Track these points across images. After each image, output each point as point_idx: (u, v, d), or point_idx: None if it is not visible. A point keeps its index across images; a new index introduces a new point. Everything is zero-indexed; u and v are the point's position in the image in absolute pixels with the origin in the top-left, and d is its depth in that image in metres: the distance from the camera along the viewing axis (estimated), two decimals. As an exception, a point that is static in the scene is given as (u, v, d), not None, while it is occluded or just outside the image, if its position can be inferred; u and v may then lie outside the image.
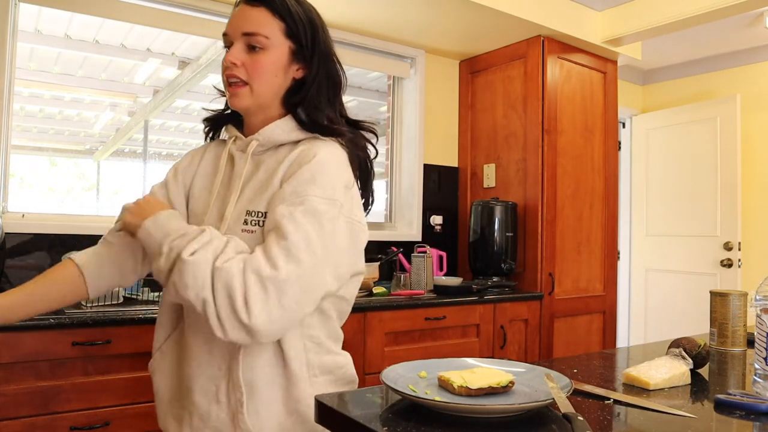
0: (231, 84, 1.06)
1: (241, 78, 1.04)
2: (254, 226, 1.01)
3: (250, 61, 1.04)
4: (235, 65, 1.04)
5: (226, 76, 1.06)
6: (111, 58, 3.57)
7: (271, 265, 0.90)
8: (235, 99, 1.06)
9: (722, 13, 2.83)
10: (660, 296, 4.27)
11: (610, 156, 3.40)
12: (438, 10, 2.81)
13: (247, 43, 1.04)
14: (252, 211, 1.02)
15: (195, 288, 0.89)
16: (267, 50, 1.04)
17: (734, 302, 1.46)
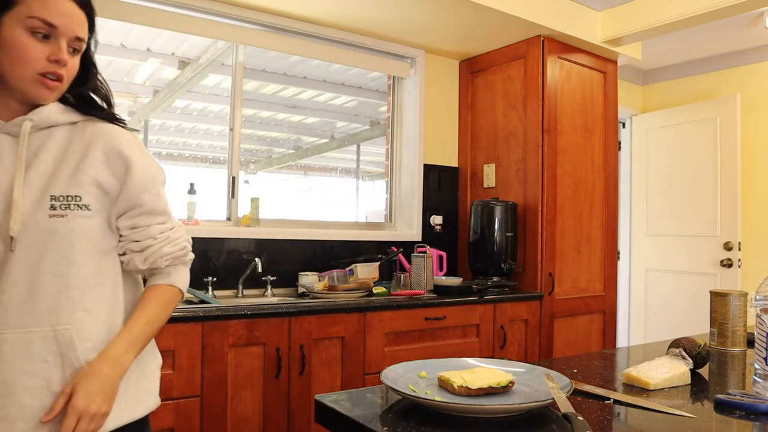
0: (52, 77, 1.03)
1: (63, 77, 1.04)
2: (65, 210, 1.01)
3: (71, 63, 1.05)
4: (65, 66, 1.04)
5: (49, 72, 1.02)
6: (111, 58, 3.57)
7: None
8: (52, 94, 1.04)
9: (722, 13, 2.83)
10: (660, 296, 4.27)
11: (610, 156, 3.40)
12: (438, 10, 2.81)
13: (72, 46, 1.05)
14: (59, 195, 1.02)
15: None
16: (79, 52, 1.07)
17: (734, 302, 1.46)
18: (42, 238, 1.00)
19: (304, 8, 2.79)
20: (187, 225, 2.67)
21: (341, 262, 2.99)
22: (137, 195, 1.08)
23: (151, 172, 1.10)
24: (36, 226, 1.00)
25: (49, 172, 1.03)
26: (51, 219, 1.00)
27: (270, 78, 3.39)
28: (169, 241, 1.13)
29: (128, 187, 1.07)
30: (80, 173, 1.03)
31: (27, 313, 0.99)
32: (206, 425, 2.03)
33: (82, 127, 1.07)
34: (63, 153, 1.04)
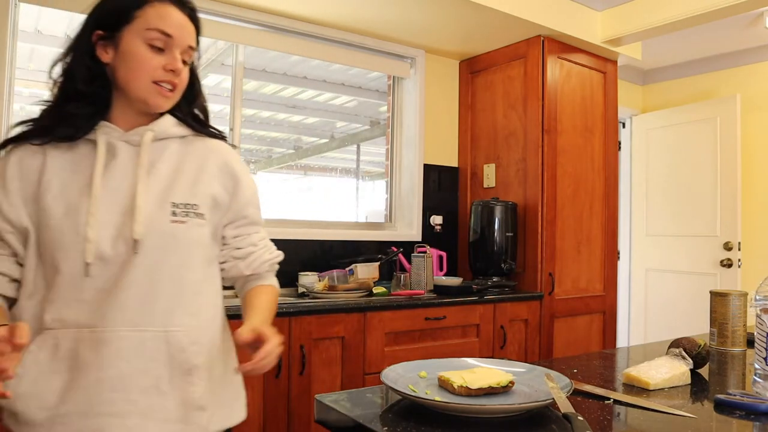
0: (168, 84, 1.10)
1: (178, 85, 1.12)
2: (185, 217, 1.08)
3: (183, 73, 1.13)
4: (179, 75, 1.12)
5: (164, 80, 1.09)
6: (111, 58, 3.57)
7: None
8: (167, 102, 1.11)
9: (722, 13, 2.83)
10: (660, 296, 4.27)
11: (610, 156, 3.40)
12: (438, 10, 2.81)
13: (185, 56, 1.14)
14: (179, 203, 1.08)
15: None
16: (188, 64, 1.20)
17: (734, 302, 1.46)
18: (163, 243, 1.06)
19: (304, 8, 2.79)
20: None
21: (341, 262, 2.99)
22: (244, 207, 1.19)
23: (254, 187, 1.23)
24: (158, 230, 1.05)
25: (167, 180, 1.09)
26: (172, 224, 1.06)
27: (270, 78, 3.38)
28: (267, 249, 1.24)
29: (238, 200, 1.17)
30: (198, 184, 1.12)
31: (143, 314, 1.03)
32: (206, 425, 2.02)
33: (192, 141, 1.16)
34: (179, 164, 1.12)
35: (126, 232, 1.03)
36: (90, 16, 1.09)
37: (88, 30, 1.08)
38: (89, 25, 1.08)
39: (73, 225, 1.02)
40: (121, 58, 1.06)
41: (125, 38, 1.06)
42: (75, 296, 1.03)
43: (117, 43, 1.07)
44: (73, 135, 1.07)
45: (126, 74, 1.06)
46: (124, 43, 1.06)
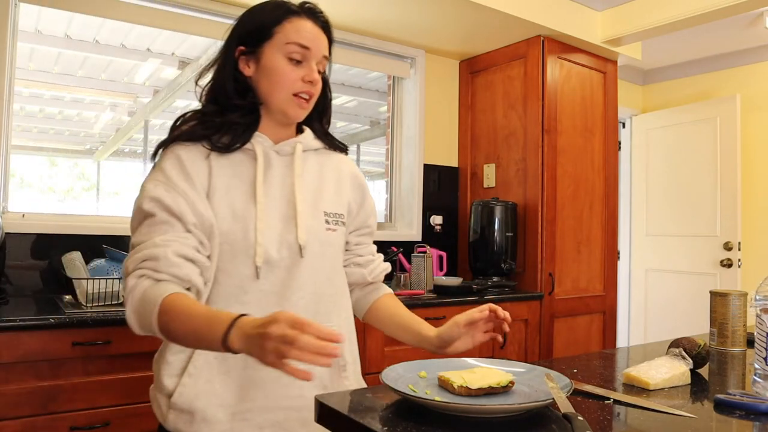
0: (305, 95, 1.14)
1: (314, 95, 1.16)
2: (336, 225, 1.18)
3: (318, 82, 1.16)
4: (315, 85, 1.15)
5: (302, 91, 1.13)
6: (111, 58, 3.57)
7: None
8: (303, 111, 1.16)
9: (722, 13, 2.83)
10: (660, 296, 4.27)
11: (610, 156, 3.40)
12: (438, 10, 2.81)
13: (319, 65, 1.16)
14: (330, 212, 1.18)
15: None
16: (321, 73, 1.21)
17: (734, 302, 1.46)
18: (321, 249, 1.14)
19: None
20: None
21: (341, 262, 2.99)
22: (368, 217, 1.30)
23: (374, 199, 1.33)
24: (317, 237, 1.14)
25: (315, 190, 1.18)
26: (327, 232, 1.16)
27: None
28: (381, 259, 1.34)
29: (365, 210, 1.28)
30: (339, 195, 1.22)
31: (311, 315, 1.10)
32: (206, 425, 2.03)
33: (326, 155, 1.25)
34: (320, 175, 1.21)
35: (288, 238, 1.10)
36: (232, 33, 1.16)
37: (232, 46, 1.14)
38: (233, 42, 1.15)
39: (242, 229, 1.07)
40: (263, 72, 1.12)
41: (266, 53, 1.12)
42: (239, 298, 1.07)
43: (258, 58, 1.13)
44: (233, 144, 1.11)
45: (268, 87, 1.12)
46: (265, 58, 1.12)
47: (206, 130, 1.12)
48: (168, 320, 0.94)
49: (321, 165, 1.23)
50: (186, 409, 1.05)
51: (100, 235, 2.39)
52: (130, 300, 1.00)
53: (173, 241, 1.02)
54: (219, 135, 1.11)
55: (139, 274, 1.00)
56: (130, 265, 1.02)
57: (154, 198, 1.04)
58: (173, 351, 1.08)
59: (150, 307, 0.96)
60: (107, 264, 2.16)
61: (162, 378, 1.08)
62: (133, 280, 1.00)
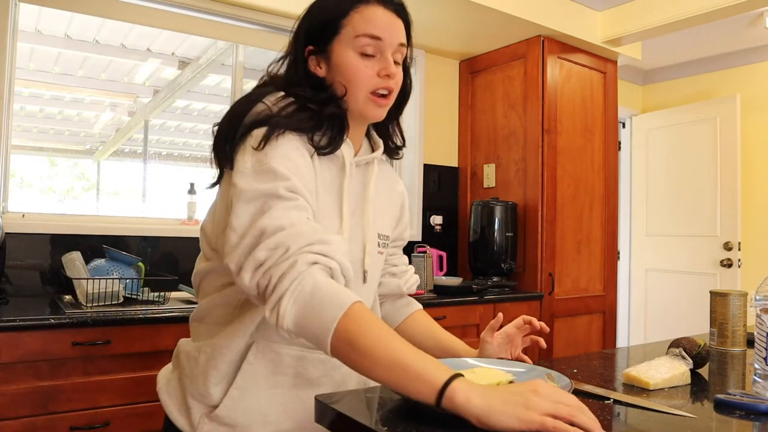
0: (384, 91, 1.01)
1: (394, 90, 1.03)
2: (383, 248, 1.12)
3: (397, 74, 1.03)
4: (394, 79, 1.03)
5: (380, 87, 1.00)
6: (111, 58, 3.57)
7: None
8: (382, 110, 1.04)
9: (722, 13, 2.83)
10: (660, 296, 4.27)
11: (610, 156, 3.40)
12: (438, 10, 2.81)
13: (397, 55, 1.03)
14: (382, 234, 1.12)
15: None
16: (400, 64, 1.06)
17: (734, 302, 1.46)
18: (374, 272, 1.10)
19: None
20: (187, 225, 2.67)
21: (341, 262, 2.99)
22: (404, 230, 1.23)
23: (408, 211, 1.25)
24: (373, 260, 1.08)
25: (377, 210, 1.10)
26: (378, 255, 1.10)
27: (270, 78, 3.38)
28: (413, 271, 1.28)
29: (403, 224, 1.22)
30: (390, 216, 1.17)
31: None
32: (206, 425, 2.03)
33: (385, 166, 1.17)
34: (380, 192, 1.12)
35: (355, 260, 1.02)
36: (299, 30, 1.04)
37: (300, 45, 1.03)
38: (300, 40, 1.03)
39: None
40: (336, 71, 1.00)
41: (336, 50, 1.00)
42: None
43: (328, 56, 1.01)
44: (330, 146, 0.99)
45: (342, 88, 0.99)
46: (335, 55, 1.00)
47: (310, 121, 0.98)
48: (357, 331, 0.78)
49: (381, 179, 1.14)
50: (229, 423, 0.98)
51: (100, 235, 2.39)
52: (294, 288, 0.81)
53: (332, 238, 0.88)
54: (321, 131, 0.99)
55: (310, 260, 0.83)
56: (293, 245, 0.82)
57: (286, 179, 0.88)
58: (225, 358, 0.97)
59: (332, 309, 0.79)
60: (107, 264, 2.16)
61: (208, 385, 0.97)
62: (303, 266, 0.82)
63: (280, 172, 0.88)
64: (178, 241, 2.57)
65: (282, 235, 0.83)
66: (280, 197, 0.87)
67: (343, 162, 1.02)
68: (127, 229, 2.46)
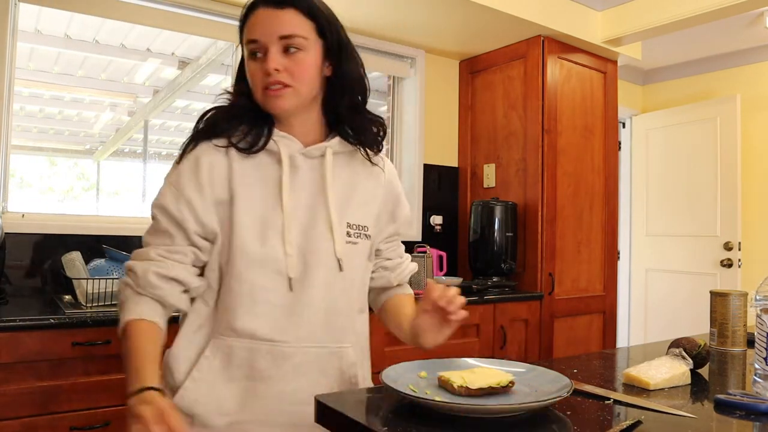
0: (271, 86, 1.04)
1: (285, 82, 1.04)
2: (357, 238, 1.11)
3: (292, 63, 1.04)
4: (278, 71, 1.03)
5: (268, 83, 1.04)
6: (111, 58, 3.57)
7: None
8: (279, 101, 1.05)
9: (722, 13, 2.83)
10: (660, 296, 4.27)
11: (610, 156, 3.40)
12: (438, 10, 2.81)
13: (284, 46, 1.04)
14: (353, 224, 1.11)
15: None
16: (306, 51, 1.05)
17: (734, 302, 1.46)
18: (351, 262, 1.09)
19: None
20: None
21: (341, 262, 2.99)
22: (401, 226, 1.23)
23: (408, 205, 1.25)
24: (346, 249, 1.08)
25: (343, 199, 1.10)
26: (347, 245, 1.09)
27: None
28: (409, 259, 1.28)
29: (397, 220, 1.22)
30: (368, 205, 1.15)
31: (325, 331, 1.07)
32: (206, 425, 2.03)
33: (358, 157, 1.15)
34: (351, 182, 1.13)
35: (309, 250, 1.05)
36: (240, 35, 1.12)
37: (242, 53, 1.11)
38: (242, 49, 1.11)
39: (264, 239, 1.03)
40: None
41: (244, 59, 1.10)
42: (251, 309, 1.03)
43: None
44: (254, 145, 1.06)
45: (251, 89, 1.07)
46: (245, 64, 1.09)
47: (228, 121, 1.07)
48: (123, 343, 0.99)
49: (353, 171, 1.14)
50: (187, 413, 1.03)
51: (100, 235, 2.39)
52: (119, 298, 1.05)
53: (164, 259, 1.02)
54: (242, 131, 1.07)
55: (124, 281, 1.04)
56: (127, 264, 1.05)
57: (160, 205, 1.05)
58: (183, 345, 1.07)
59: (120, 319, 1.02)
60: (107, 264, 2.16)
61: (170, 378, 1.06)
62: (120, 284, 1.05)
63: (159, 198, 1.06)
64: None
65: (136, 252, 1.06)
66: (153, 219, 1.06)
67: (280, 156, 1.07)
68: (127, 229, 2.46)
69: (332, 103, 1.11)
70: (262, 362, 1.04)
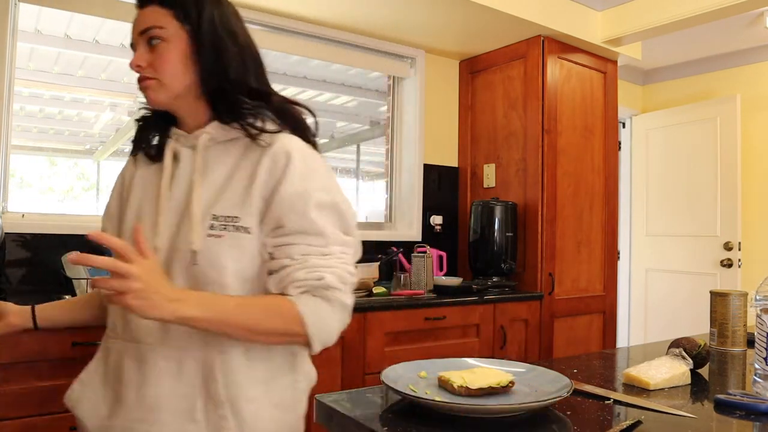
0: (141, 82, 1.06)
1: (149, 76, 1.04)
2: (222, 230, 0.97)
3: (154, 56, 1.03)
4: (141, 67, 1.04)
5: (138, 79, 1.06)
6: (111, 58, 3.57)
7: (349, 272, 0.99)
8: (149, 95, 1.05)
9: (722, 13, 2.83)
10: (660, 296, 4.27)
11: (610, 156, 3.40)
12: (438, 10, 2.81)
13: (146, 40, 1.04)
14: (220, 216, 0.98)
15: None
16: (167, 41, 1.03)
17: (734, 302, 1.46)
18: (212, 256, 0.96)
19: (304, 8, 2.79)
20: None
21: (341, 262, 2.98)
22: (283, 215, 0.97)
23: (301, 189, 0.98)
24: (207, 242, 0.97)
25: (218, 190, 1.01)
26: (207, 239, 0.97)
27: (270, 78, 3.38)
28: (307, 266, 0.95)
29: (275, 205, 0.98)
30: (246, 193, 0.99)
31: (182, 335, 0.97)
32: (206, 425, 2.02)
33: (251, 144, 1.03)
34: (234, 170, 1.02)
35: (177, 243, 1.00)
36: None
37: None
38: None
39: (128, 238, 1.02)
40: None
41: None
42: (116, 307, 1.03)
43: None
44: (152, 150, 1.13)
45: None
46: None
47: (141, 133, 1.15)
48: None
49: (242, 158, 1.03)
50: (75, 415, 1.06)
51: (100, 235, 2.38)
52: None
53: None
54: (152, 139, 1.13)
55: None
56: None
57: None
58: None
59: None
60: (107, 264, 2.16)
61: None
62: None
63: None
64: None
65: None
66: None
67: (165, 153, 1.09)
68: (127, 229, 2.45)
69: (206, 88, 1.05)
70: (129, 364, 1.00)
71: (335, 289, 0.96)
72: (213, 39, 1.03)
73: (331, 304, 0.96)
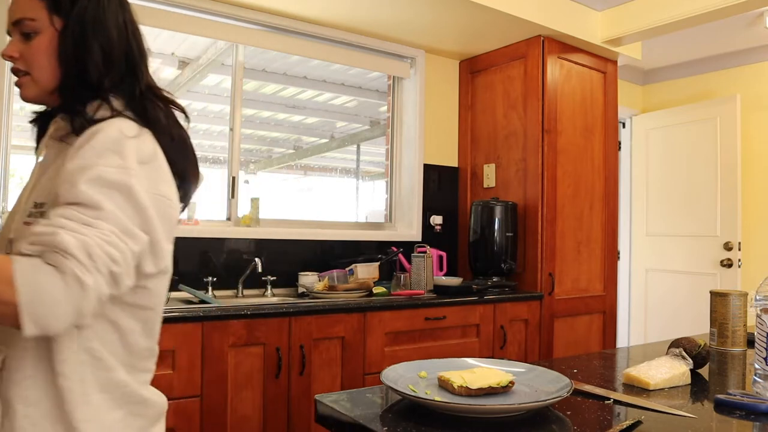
0: (16, 77, 0.99)
1: (23, 69, 0.98)
2: (34, 217, 0.89)
3: (26, 49, 0.96)
4: (13, 57, 0.97)
5: (11, 71, 0.99)
6: (111, 58, 3.57)
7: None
8: (22, 91, 0.99)
9: (722, 13, 2.83)
10: (660, 296, 4.27)
11: (610, 156, 3.40)
12: (438, 10, 2.81)
13: (20, 32, 0.97)
14: (38, 203, 0.91)
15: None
16: (39, 33, 0.95)
17: (734, 302, 1.46)
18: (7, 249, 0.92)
19: (304, 8, 2.79)
20: (187, 225, 2.67)
21: (341, 262, 2.99)
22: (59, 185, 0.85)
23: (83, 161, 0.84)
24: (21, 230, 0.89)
25: (39, 179, 0.97)
26: (23, 225, 0.90)
27: (270, 78, 3.39)
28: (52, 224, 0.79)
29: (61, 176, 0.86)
30: (52, 179, 0.91)
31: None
32: (206, 425, 2.03)
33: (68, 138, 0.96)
34: (52, 159, 0.97)
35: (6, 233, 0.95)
36: None
37: None
38: None
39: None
40: None
41: None
42: None
43: None
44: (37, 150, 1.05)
45: None
46: None
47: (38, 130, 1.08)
48: None
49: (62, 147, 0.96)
50: None
51: (100, 235, 2.38)
52: None
53: None
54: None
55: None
56: None
57: None
58: None
59: None
60: (107, 264, 2.16)
61: None
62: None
63: None
64: (178, 240, 2.56)
65: None
66: None
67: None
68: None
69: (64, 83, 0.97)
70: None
71: (72, 258, 0.75)
72: (76, 34, 0.95)
73: (63, 276, 0.75)
